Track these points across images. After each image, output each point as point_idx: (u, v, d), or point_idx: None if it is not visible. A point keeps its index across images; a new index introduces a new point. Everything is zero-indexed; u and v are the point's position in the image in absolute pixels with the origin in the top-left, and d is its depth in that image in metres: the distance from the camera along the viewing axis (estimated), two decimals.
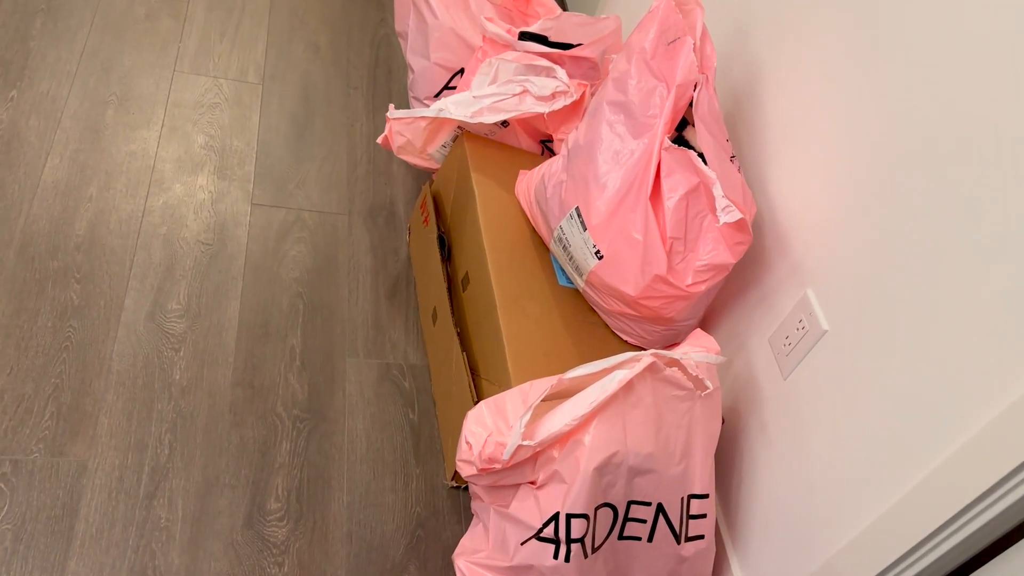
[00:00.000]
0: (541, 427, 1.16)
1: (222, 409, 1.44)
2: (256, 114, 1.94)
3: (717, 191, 1.18)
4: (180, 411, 1.42)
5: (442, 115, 1.54)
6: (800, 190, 1.28)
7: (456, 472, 1.41)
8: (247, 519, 1.33)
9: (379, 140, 1.63)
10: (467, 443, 1.20)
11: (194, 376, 1.47)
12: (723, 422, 1.42)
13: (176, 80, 1.94)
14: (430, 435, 1.53)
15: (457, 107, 1.55)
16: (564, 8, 2.41)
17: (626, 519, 1.22)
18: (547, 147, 1.72)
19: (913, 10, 1.05)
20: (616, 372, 1.15)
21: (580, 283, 1.42)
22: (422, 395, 1.58)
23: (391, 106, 1.60)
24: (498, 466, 1.17)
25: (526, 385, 1.23)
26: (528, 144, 1.69)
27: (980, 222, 0.93)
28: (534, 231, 1.52)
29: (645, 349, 1.45)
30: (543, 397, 1.17)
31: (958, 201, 0.96)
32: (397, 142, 1.62)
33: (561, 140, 1.65)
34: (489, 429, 1.19)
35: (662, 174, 1.26)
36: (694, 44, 1.24)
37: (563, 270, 1.48)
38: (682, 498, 1.23)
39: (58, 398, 1.38)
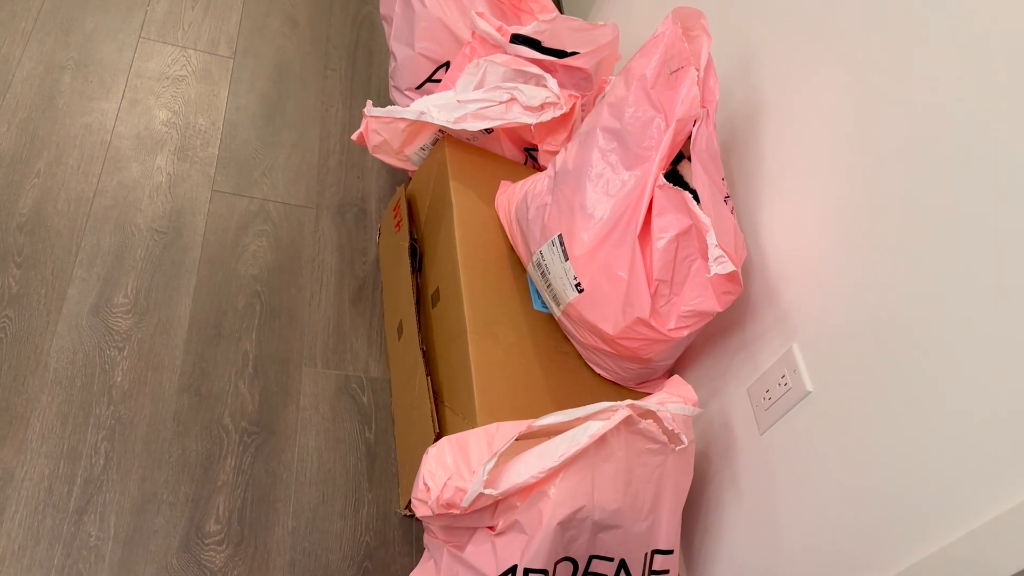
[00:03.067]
0: (505, 475, 1.09)
1: (165, 417, 1.35)
2: (224, 91, 1.82)
3: (711, 239, 1.11)
4: (120, 417, 1.32)
5: (423, 118, 1.45)
6: (793, 235, 1.22)
7: (411, 502, 1.34)
8: (184, 541, 1.25)
9: (354, 137, 1.53)
10: (425, 484, 1.13)
11: (137, 379, 1.37)
12: None
13: (141, 48, 1.81)
14: (386, 457, 1.45)
15: (440, 111, 1.46)
16: (559, 8, 2.31)
17: (586, 573, 1.16)
18: (531, 156, 1.63)
19: (917, 55, 0.98)
20: (590, 424, 1.08)
21: (556, 312, 1.35)
22: (381, 411, 1.50)
23: (369, 102, 1.50)
24: (456, 511, 1.11)
25: (492, 427, 1.16)
26: (512, 153, 1.60)
27: (986, 295, 0.87)
28: (511, 248, 1.44)
29: (618, 384, 1.39)
30: (510, 443, 1.10)
31: (968, 264, 0.90)
32: (373, 141, 1.52)
33: (547, 152, 1.57)
34: (450, 471, 1.12)
35: (653, 212, 1.18)
36: (698, 76, 1.16)
37: (539, 294, 1.41)
38: (646, 554, 1.18)
39: None
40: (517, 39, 1.56)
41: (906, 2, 1.04)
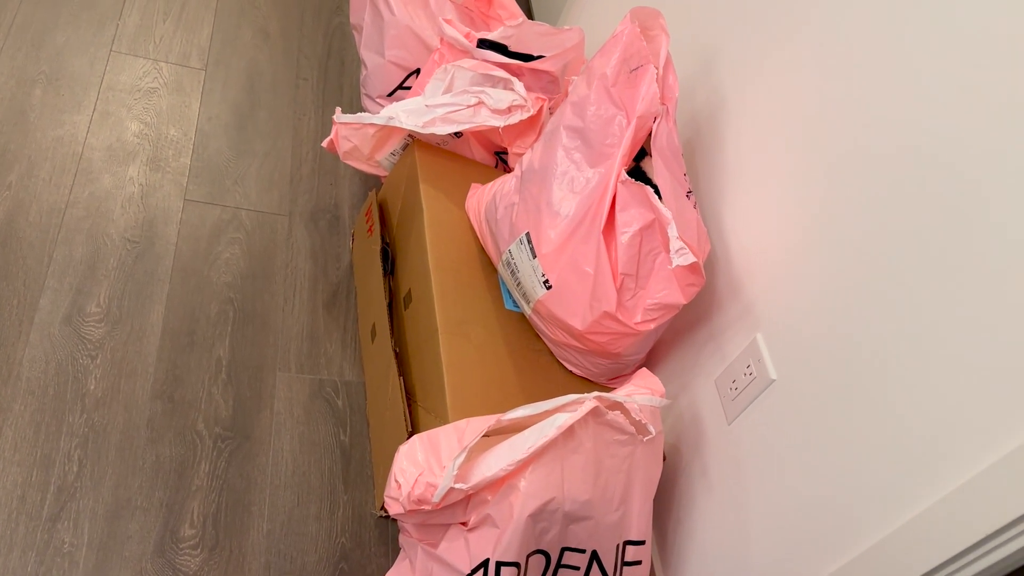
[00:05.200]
0: (475, 469, 1.10)
1: (138, 424, 1.35)
2: (196, 102, 1.84)
3: (672, 232, 1.13)
4: (93, 425, 1.33)
5: (392, 123, 1.46)
6: (755, 229, 1.24)
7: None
8: (158, 546, 1.25)
9: (324, 144, 1.54)
10: (396, 481, 1.14)
11: (110, 387, 1.37)
12: (664, 459, 1.38)
13: (113, 61, 1.82)
14: (361, 459, 1.46)
15: (408, 116, 1.48)
16: (529, 15, 2.34)
17: (559, 566, 1.17)
18: (501, 159, 1.65)
19: (876, 52, 1.01)
20: (557, 416, 1.10)
21: (527, 310, 1.37)
22: (356, 414, 1.51)
23: (338, 109, 1.52)
24: (427, 507, 1.12)
25: (463, 423, 1.17)
26: (481, 156, 1.62)
27: (943, 282, 0.90)
28: (482, 249, 1.46)
29: (590, 380, 1.41)
30: (480, 437, 1.12)
31: (919, 251, 0.93)
32: (343, 147, 1.54)
33: (516, 154, 1.59)
34: (420, 467, 1.13)
35: (617, 207, 1.20)
36: (657, 73, 1.18)
37: (510, 294, 1.42)
38: (618, 545, 1.19)
39: None
40: (484, 44, 1.58)
41: (862, 9, 1.07)
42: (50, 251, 1.49)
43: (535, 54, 1.60)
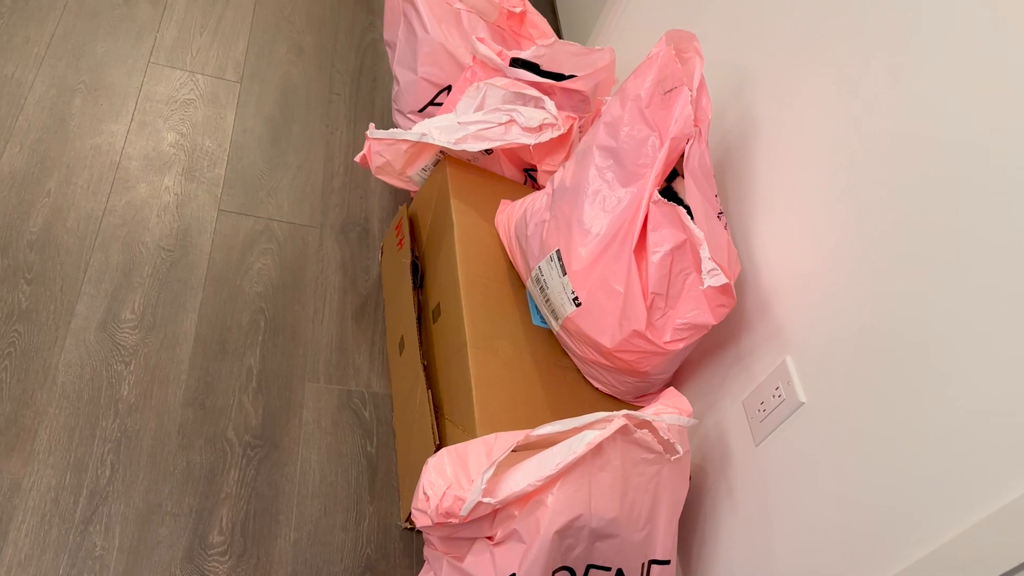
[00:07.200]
0: (503, 484, 1.11)
1: (170, 430, 1.37)
2: (231, 114, 1.87)
3: (704, 252, 1.14)
4: (125, 430, 1.35)
5: (425, 139, 1.48)
6: (785, 251, 1.24)
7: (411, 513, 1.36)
8: (187, 552, 1.27)
9: (357, 159, 1.57)
10: (424, 494, 1.15)
11: (143, 393, 1.40)
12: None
13: (150, 72, 1.86)
14: (387, 470, 1.47)
15: (441, 132, 1.50)
16: (557, 32, 2.37)
17: None
18: (530, 176, 1.67)
19: (908, 76, 1.02)
20: (586, 433, 1.11)
21: (555, 326, 1.38)
22: (382, 426, 1.52)
23: (372, 125, 1.54)
24: (455, 520, 1.12)
25: (491, 437, 1.18)
26: (511, 173, 1.64)
27: (981, 307, 0.90)
28: (511, 264, 1.47)
29: (616, 397, 1.41)
30: (508, 452, 1.12)
31: (956, 277, 0.93)
32: (376, 162, 1.56)
33: (545, 172, 1.60)
34: (449, 480, 1.14)
35: (649, 227, 1.21)
36: (691, 96, 1.19)
37: (538, 310, 1.43)
38: (643, 564, 1.19)
39: None
40: (516, 63, 1.60)
41: (894, 24, 1.08)
42: (87, 258, 1.52)
43: (567, 73, 1.62)
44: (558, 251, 1.30)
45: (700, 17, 1.59)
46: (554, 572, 1.13)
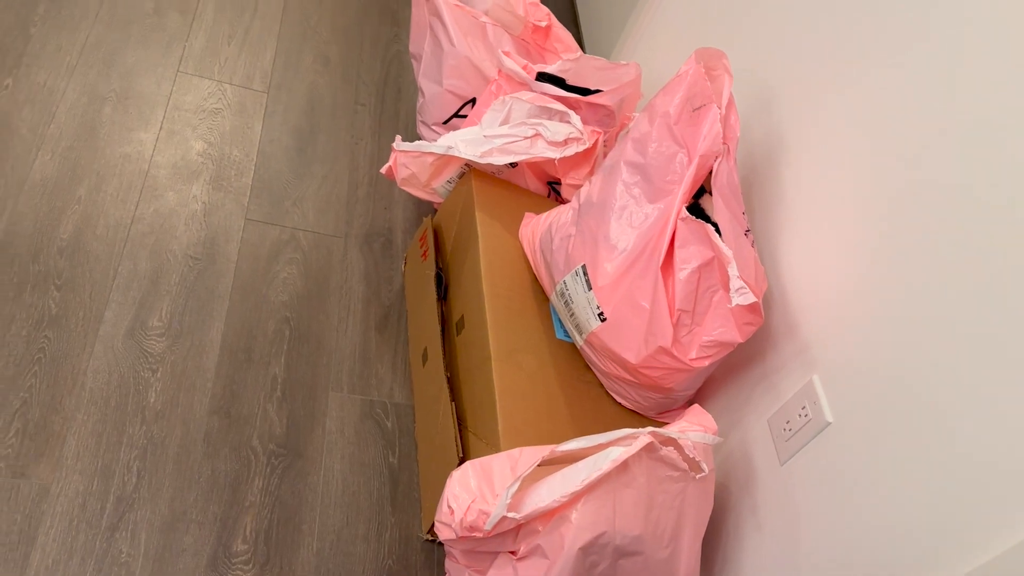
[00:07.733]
0: (528, 499, 1.11)
1: (196, 438, 1.38)
2: (259, 124, 1.89)
3: (732, 271, 1.14)
4: (152, 437, 1.36)
5: (451, 152, 1.49)
6: (812, 268, 1.24)
7: (433, 525, 1.36)
8: (211, 560, 1.28)
9: (383, 170, 1.58)
10: (449, 507, 1.15)
11: (169, 400, 1.41)
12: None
13: (179, 81, 1.88)
14: (409, 481, 1.47)
15: (467, 145, 1.50)
16: (581, 46, 2.37)
17: None
18: (554, 189, 1.67)
19: (936, 91, 1.02)
20: (611, 449, 1.10)
21: (579, 341, 1.38)
22: (404, 437, 1.52)
23: (398, 137, 1.55)
24: (479, 534, 1.13)
25: (515, 452, 1.18)
26: (535, 186, 1.64)
27: (1016, 334, 0.89)
28: (535, 277, 1.48)
29: (639, 413, 1.41)
30: (534, 467, 1.13)
31: (992, 304, 0.93)
32: (401, 174, 1.57)
33: (570, 185, 1.61)
34: (473, 494, 1.14)
35: (676, 244, 1.22)
36: (720, 113, 1.20)
37: (562, 323, 1.44)
38: None
39: (25, 414, 1.32)
40: (542, 77, 1.61)
41: (924, 41, 1.08)
42: (115, 265, 1.54)
43: (592, 88, 1.63)
44: (584, 266, 1.30)
45: (724, 33, 1.60)
46: None
